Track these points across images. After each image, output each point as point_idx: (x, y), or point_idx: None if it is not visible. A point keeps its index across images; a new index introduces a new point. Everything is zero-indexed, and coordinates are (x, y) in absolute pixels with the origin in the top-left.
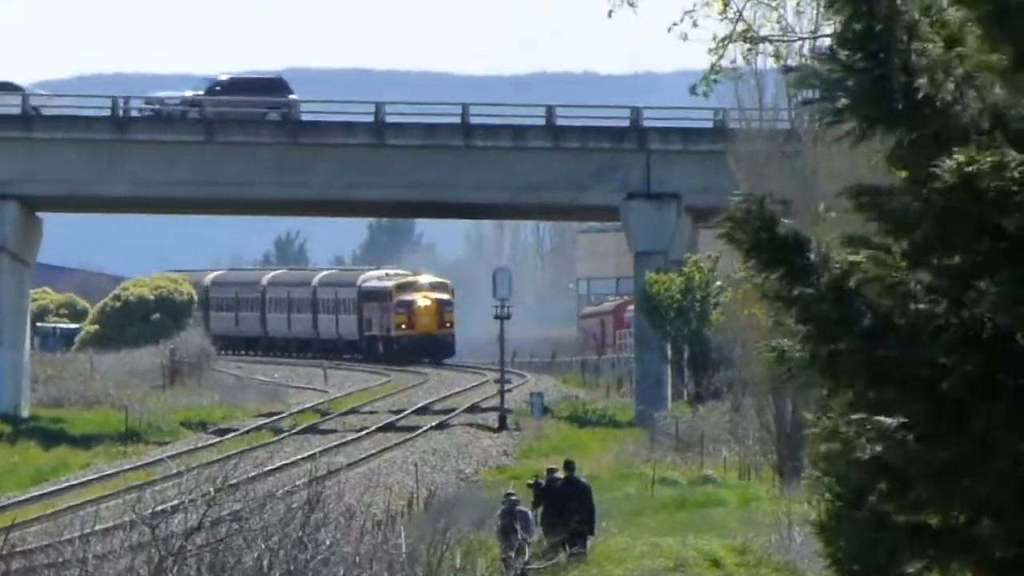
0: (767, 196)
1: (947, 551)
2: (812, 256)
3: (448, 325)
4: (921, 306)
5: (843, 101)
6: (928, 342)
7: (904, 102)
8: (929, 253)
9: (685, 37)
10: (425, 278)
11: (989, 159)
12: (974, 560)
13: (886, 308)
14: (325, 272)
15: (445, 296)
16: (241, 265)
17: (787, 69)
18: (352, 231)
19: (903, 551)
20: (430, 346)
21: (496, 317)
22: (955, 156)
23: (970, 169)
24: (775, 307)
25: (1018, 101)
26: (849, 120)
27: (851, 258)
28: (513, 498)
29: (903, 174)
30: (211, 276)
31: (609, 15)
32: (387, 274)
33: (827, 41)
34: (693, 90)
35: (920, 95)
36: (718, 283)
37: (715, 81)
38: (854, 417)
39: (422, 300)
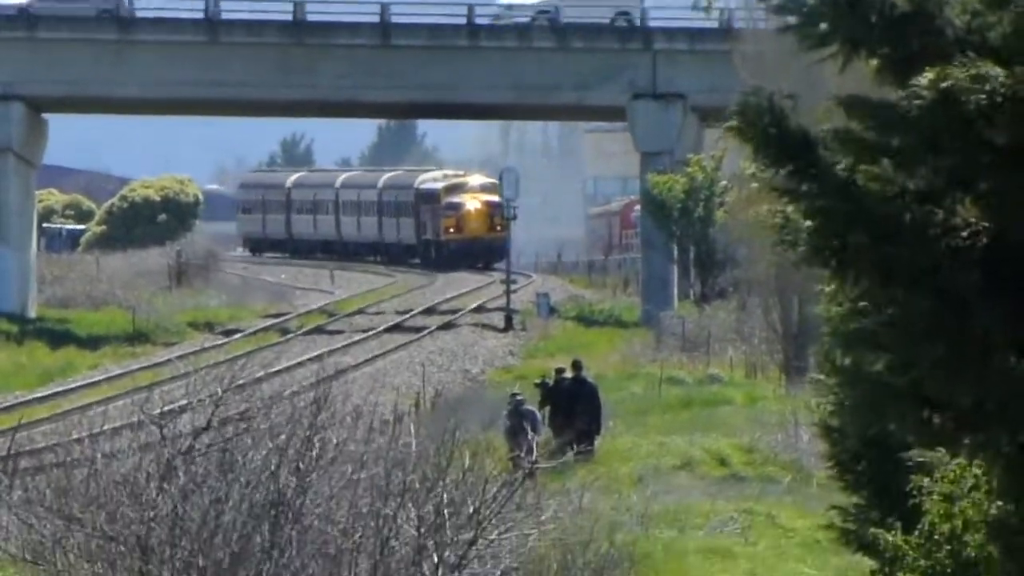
0: (776, 91)
1: (952, 437)
2: (820, 152)
3: (499, 228)
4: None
5: (824, 25)
6: (933, 241)
7: (884, 22)
8: (920, 162)
9: None
10: (476, 179)
11: (966, 73)
12: (976, 446)
13: (891, 208)
14: (391, 173)
15: (495, 198)
16: (246, 167)
17: None
18: (359, 132)
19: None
20: (480, 250)
21: (503, 217)
22: (927, 73)
23: (945, 85)
24: (783, 202)
25: (997, 15)
26: (832, 44)
27: (855, 161)
28: (519, 398)
29: (892, 90)
30: (293, 177)
31: None
32: (444, 175)
33: None
34: (696, 5)
35: (900, 13)
36: (723, 183)
37: None
38: (862, 305)
39: (471, 202)
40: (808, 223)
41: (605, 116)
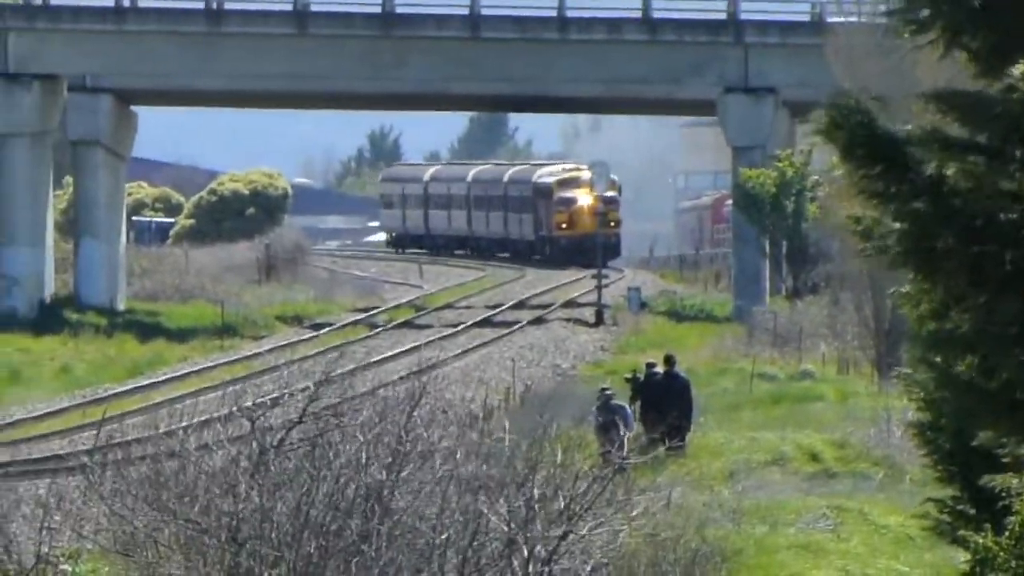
0: (864, 93)
1: None
2: (909, 154)
3: (612, 224)
4: (1012, 215)
5: (924, 12)
6: None
7: (984, 4)
8: (1012, 159)
9: None
10: (589, 173)
11: None
12: None
13: (982, 208)
14: (516, 168)
15: (610, 193)
16: (334, 160)
17: None
18: (447, 125)
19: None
20: (592, 247)
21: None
22: (1021, 63)
23: None
24: (872, 204)
25: None
26: (931, 30)
27: (944, 160)
28: (608, 392)
29: (989, 82)
30: (430, 171)
31: None
32: (563, 169)
33: None
34: None
35: None
36: (814, 177)
37: None
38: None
39: (584, 197)
40: (897, 225)
41: (696, 110)
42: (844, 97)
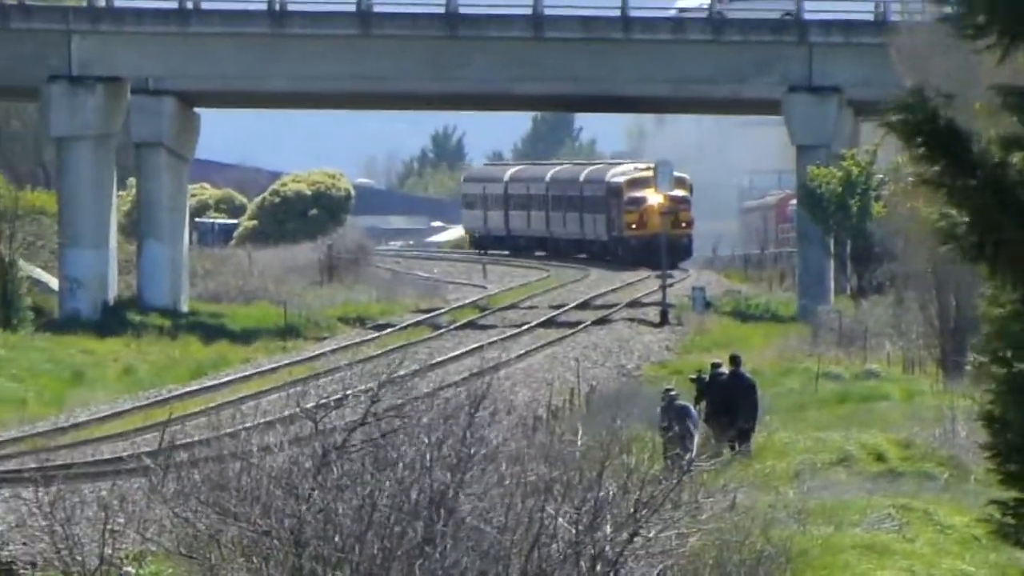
0: (930, 88)
1: None
2: (973, 148)
3: (683, 225)
4: None
5: (981, 17)
6: None
7: None
8: None
9: None
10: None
11: None
12: None
13: None
14: (591, 167)
15: (681, 192)
16: (397, 160)
17: None
18: (511, 125)
19: None
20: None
21: (654, 211)
22: None
23: None
24: (937, 196)
25: None
26: (989, 34)
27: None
28: (672, 393)
29: None
30: (510, 171)
31: None
32: (635, 168)
33: None
34: None
35: None
36: (879, 176)
37: None
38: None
39: (654, 197)
40: (963, 218)
41: (760, 109)
42: (909, 93)
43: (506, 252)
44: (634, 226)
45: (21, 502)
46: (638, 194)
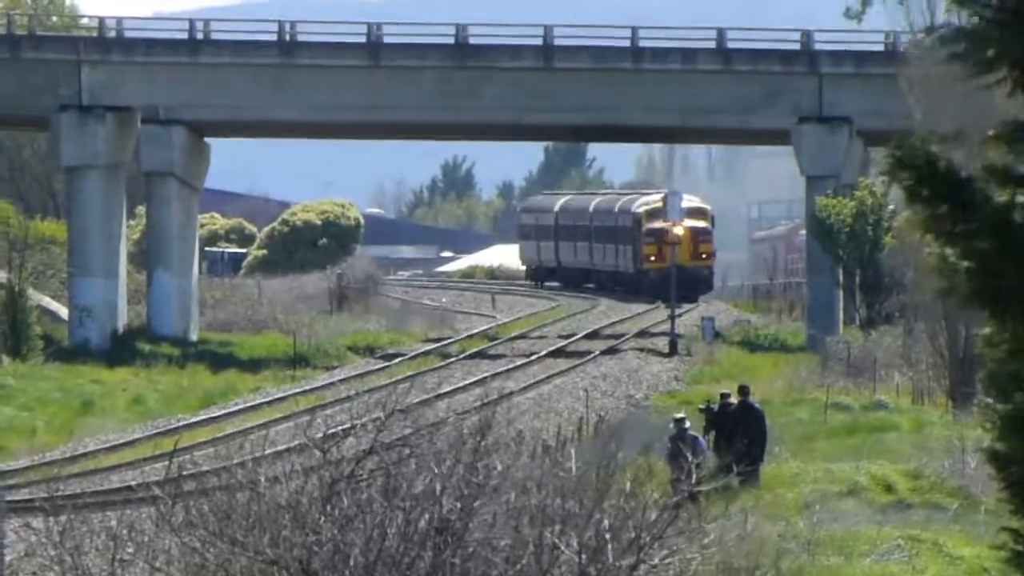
0: (935, 128)
1: None
2: (973, 193)
3: (704, 257)
4: None
5: (991, 51)
6: None
7: None
8: None
9: None
10: (686, 202)
11: None
12: None
13: None
14: (625, 197)
15: (701, 224)
16: (406, 190)
17: None
18: (520, 155)
19: None
20: (682, 281)
21: (668, 242)
22: None
23: None
24: (938, 242)
25: None
26: (999, 69)
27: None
28: (683, 422)
29: None
30: (561, 201)
31: None
32: (659, 198)
33: None
34: (848, 14)
35: None
36: (891, 207)
37: (867, 3)
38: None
39: (675, 228)
40: (965, 264)
41: (770, 139)
42: (909, 136)
43: (557, 284)
44: (653, 258)
45: (31, 531)
46: (657, 225)
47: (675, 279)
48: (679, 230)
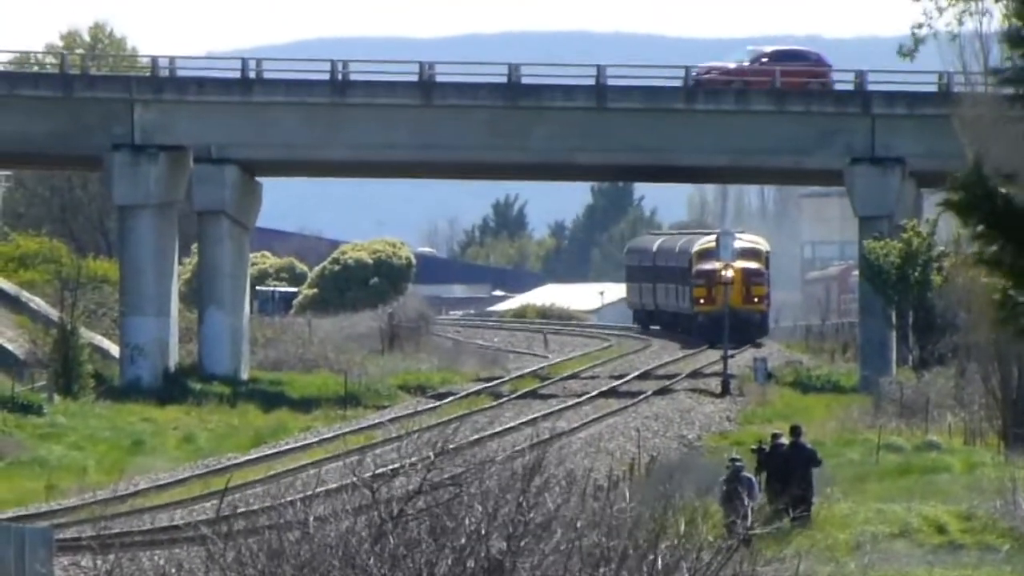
0: (987, 167)
1: None
2: None
3: (756, 300)
4: None
5: None
6: None
7: None
8: None
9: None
10: (741, 243)
11: None
12: None
13: None
14: (687, 238)
15: (754, 265)
16: (459, 229)
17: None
18: (573, 194)
19: None
20: (734, 324)
21: (720, 282)
22: None
23: None
24: (997, 275)
25: None
26: None
27: None
28: (738, 464)
29: None
30: (658, 241)
31: None
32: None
33: None
34: (901, 51)
35: None
36: (940, 248)
37: (920, 41)
38: None
39: (724, 269)
40: (1021, 298)
41: (822, 180)
42: (967, 171)
43: (658, 328)
44: (703, 301)
45: (80, 570)
46: (707, 266)
47: (730, 323)
48: (730, 272)
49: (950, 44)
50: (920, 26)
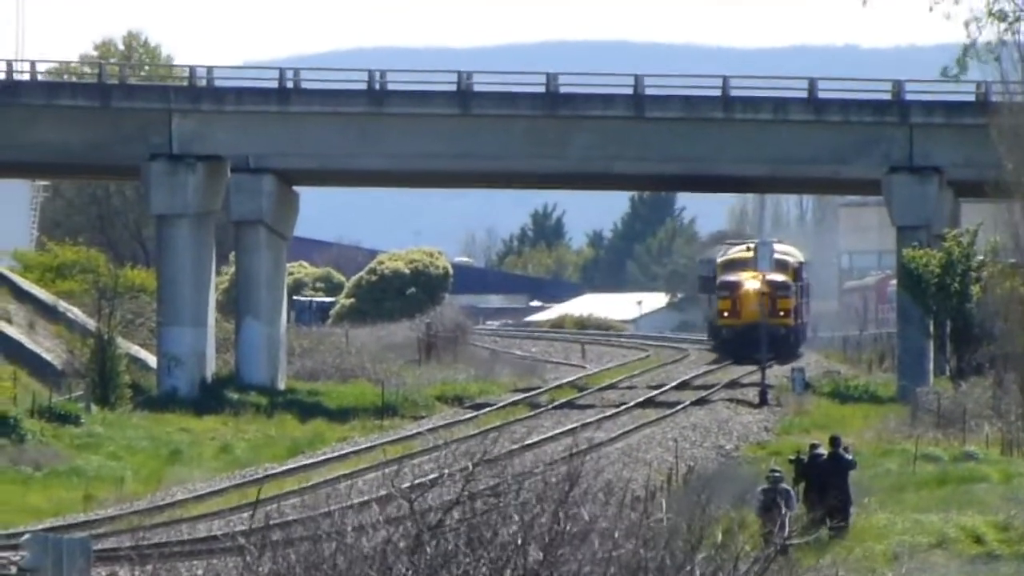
0: None
1: None
2: None
3: (782, 314)
4: None
5: None
6: None
7: None
8: None
9: (948, 16)
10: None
11: None
12: None
13: None
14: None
15: (780, 277)
16: (496, 238)
17: None
18: (610, 204)
19: None
20: (758, 339)
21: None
22: None
23: None
24: None
25: None
26: None
27: None
28: (777, 475)
29: None
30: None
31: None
32: (748, 247)
33: None
34: (945, 72)
35: None
36: (979, 257)
37: (966, 63)
38: None
39: (750, 282)
40: None
41: (860, 189)
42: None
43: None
44: (727, 314)
45: None
46: (731, 278)
47: (761, 334)
48: (755, 284)
49: (988, 56)
50: (967, 51)
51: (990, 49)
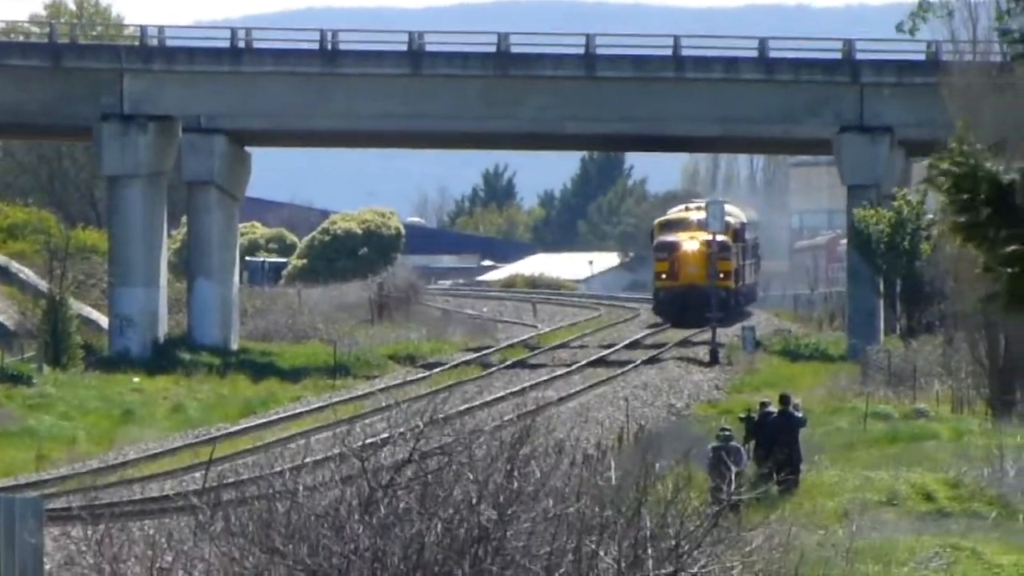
0: (977, 134)
1: None
2: (1015, 199)
3: (722, 276)
4: None
5: None
6: None
7: None
8: None
9: None
10: (699, 214)
11: None
12: None
13: None
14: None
15: (721, 238)
16: (448, 199)
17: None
18: (562, 164)
19: None
20: (696, 302)
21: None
22: None
23: None
24: (980, 248)
25: None
26: None
27: None
28: (727, 433)
29: None
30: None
31: None
32: (700, 208)
33: None
34: (900, 27)
35: None
36: (929, 216)
37: (923, 19)
38: None
39: (688, 243)
40: (1008, 270)
41: (811, 149)
42: (952, 142)
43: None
44: (664, 276)
45: (70, 540)
46: (670, 238)
47: (713, 295)
48: (693, 245)
49: (946, 16)
50: (922, 4)
51: (944, 4)
